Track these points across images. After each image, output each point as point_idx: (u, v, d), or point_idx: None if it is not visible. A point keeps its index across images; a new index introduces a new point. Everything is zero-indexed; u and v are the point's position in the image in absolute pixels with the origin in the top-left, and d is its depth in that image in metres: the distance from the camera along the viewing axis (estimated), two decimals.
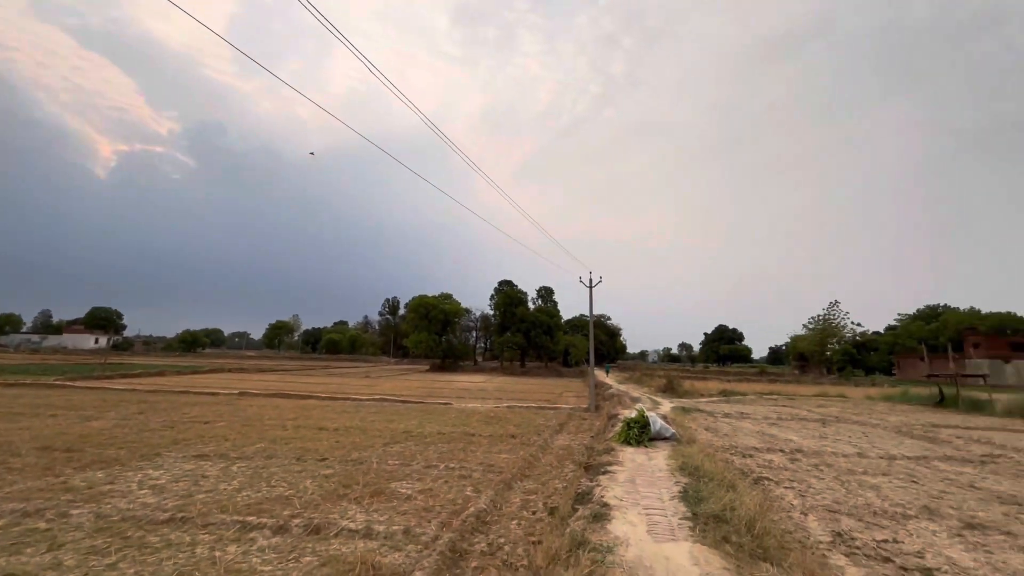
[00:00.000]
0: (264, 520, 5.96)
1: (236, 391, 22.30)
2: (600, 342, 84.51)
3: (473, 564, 5.03)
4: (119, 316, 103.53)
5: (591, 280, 22.19)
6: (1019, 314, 77.20)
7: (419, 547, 5.37)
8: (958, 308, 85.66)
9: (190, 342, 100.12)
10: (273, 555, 5.07)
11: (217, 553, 5.04)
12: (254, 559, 4.94)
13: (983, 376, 27.45)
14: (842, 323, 74.72)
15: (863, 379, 61.00)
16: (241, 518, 6.02)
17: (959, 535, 5.03)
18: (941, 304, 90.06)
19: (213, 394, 20.80)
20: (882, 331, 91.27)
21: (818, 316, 76.09)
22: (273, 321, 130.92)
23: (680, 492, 5.21)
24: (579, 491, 5.20)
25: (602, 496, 4.89)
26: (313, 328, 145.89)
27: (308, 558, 5.02)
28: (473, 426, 13.64)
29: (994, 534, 5.13)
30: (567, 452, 10.62)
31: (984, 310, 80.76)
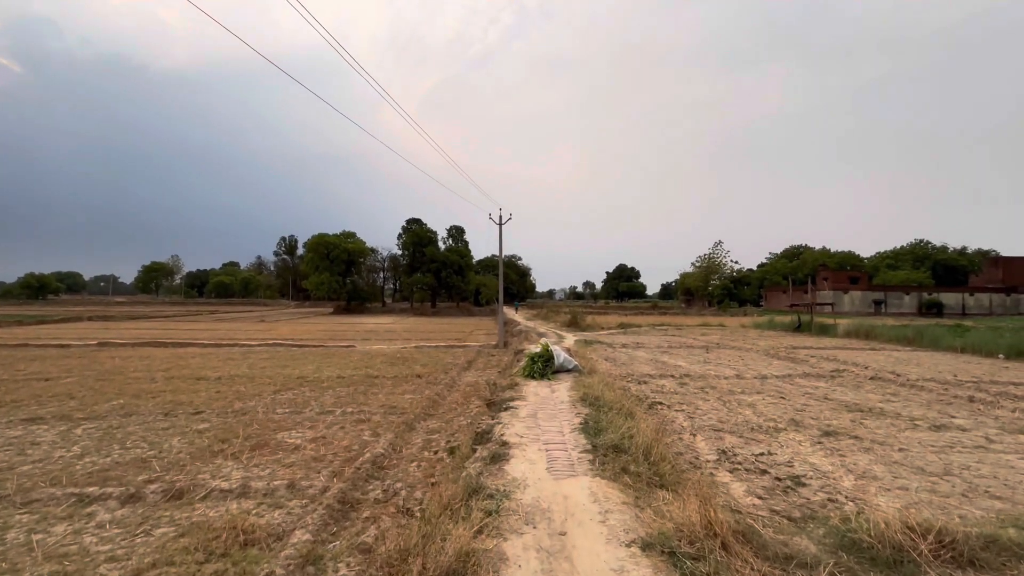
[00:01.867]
0: (110, 490, 5.00)
1: (95, 341, 19.24)
2: (511, 281, 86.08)
3: (364, 514, 4.62)
4: None
5: (500, 217, 21.74)
6: (857, 253, 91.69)
7: (304, 502, 4.83)
8: (814, 248, 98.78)
9: (36, 287, 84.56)
10: (116, 531, 4.23)
11: (37, 536, 4.09)
12: (88, 538, 4.07)
13: (831, 304, 32.15)
14: (723, 261, 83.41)
15: (738, 310, 69.16)
16: (78, 490, 5.00)
17: (819, 443, 5.62)
18: (802, 244, 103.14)
19: (63, 346, 17.74)
20: (755, 268, 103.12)
21: (704, 255, 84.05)
22: (147, 263, 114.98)
23: (581, 424, 5.19)
24: (479, 430, 4.96)
25: (502, 434, 4.67)
26: (198, 270, 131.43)
27: (163, 529, 4.25)
28: (377, 368, 13.02)
29: (845, 439, 5.81)
30: (474, 389, 10.47)
31: (833, 249, 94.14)
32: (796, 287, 46.17)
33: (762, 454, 5.16)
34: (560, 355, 9.72)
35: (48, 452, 6.16)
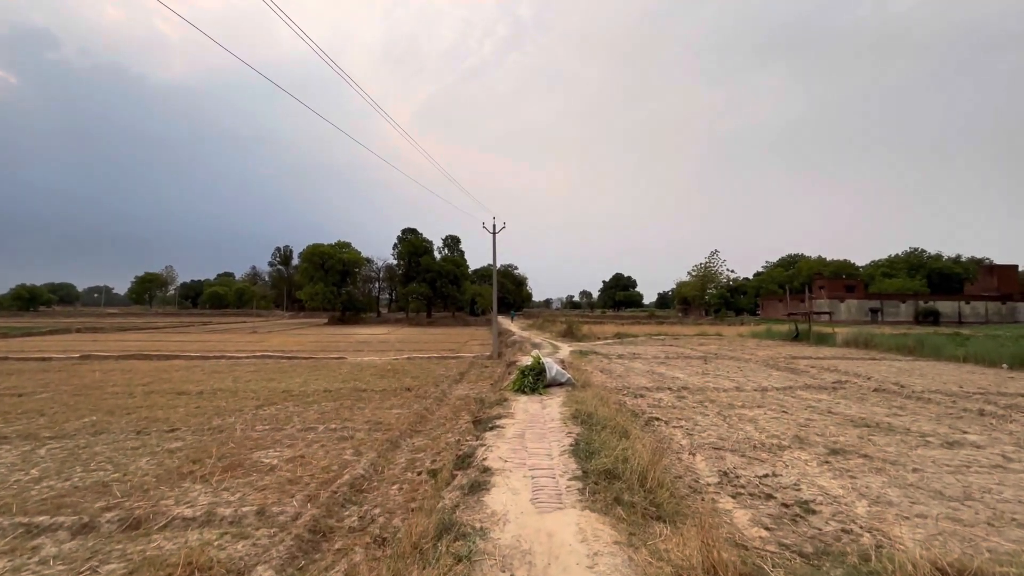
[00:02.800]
0: (62, 519, 4.61)
1: (78, 354, 18.75)
2: (507, 291, 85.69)
3: (336, 545, 4.25)
4: None
5: (495, 226, 21.45)
6: (852, 261, 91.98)
7: (272, 531, 4.46)
8: (810, 256, 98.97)
9: (27, 299, 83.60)
10: (60, 567, 3.85)
11: None
12: None
13: (828, 313, 31.93)
14: (719, 270, 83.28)
15: (735, 319, 68.95)
16: (28, 519, 4.61)
17: (826, 462, 5.27)
18: (798, 253, 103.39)
19: (44, 359, 17.26)
20: (751, 277, 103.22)
21: (700, 264, 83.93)
22: (141, 274, 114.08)
23: (571, 445, 4.81)
24: (460, 453, 4.59)
25: (484, 459, 4.29)
26: (193, 281, 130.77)
27: (112, 566, 3.87)
28: (366, 380, 12.66)
29: (854, 457, 5.46)
30: (464, 403, 10.16)
31: (828, 258, 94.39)
32: (793, 296, 46.19)
33: (766, 475, 4.81)
34: (552, 368, 9.35)
35: (4, 476, 5.77)
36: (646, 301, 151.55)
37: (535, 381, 8.94)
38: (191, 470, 5.94)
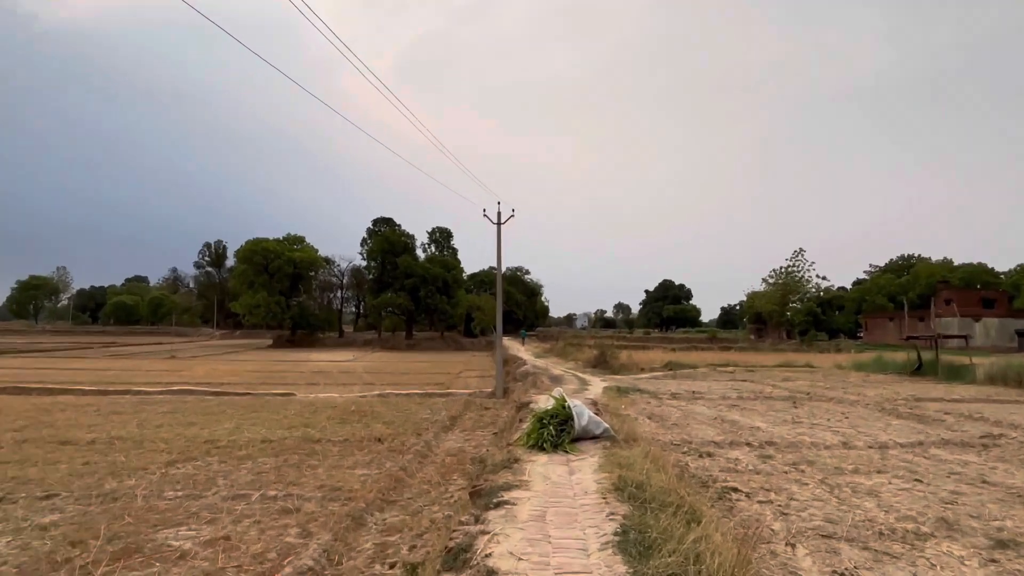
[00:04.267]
0: None
1: None
2: (516, 303, 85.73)
3: None
4: None
5: (499, 214, 21.20)
6: (989, 265, 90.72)
7: None
8: (930, 259, 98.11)
9: None
10: None
11: None
12: None
13: (965, 337, 31.39)
14: (807, 277, 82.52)
15: (828, 344, 68.31)
16: None
17: (992, 560, 4.87)
18: (914, 254, 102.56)
19: None
20: (848, 286, 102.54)
21: (780, 269, 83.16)
22: (24, 277, 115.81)
23: (616, 534, 4.43)
24: (453, 544, 4.23)
25: (488, 554, 3.90)
26: (92, 288, 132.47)
27: None
28: (321, 427, 12.58)
29: None
30: (458, 461, 10.03)
31: (956, 261, 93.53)
32: (911, 312, 45.58)
33: None
34: (584, 414, 9.01)
35: None
36: (705, 318, 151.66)
37: (558, 433, 8.64)
38: (68, 557, 5.68)
